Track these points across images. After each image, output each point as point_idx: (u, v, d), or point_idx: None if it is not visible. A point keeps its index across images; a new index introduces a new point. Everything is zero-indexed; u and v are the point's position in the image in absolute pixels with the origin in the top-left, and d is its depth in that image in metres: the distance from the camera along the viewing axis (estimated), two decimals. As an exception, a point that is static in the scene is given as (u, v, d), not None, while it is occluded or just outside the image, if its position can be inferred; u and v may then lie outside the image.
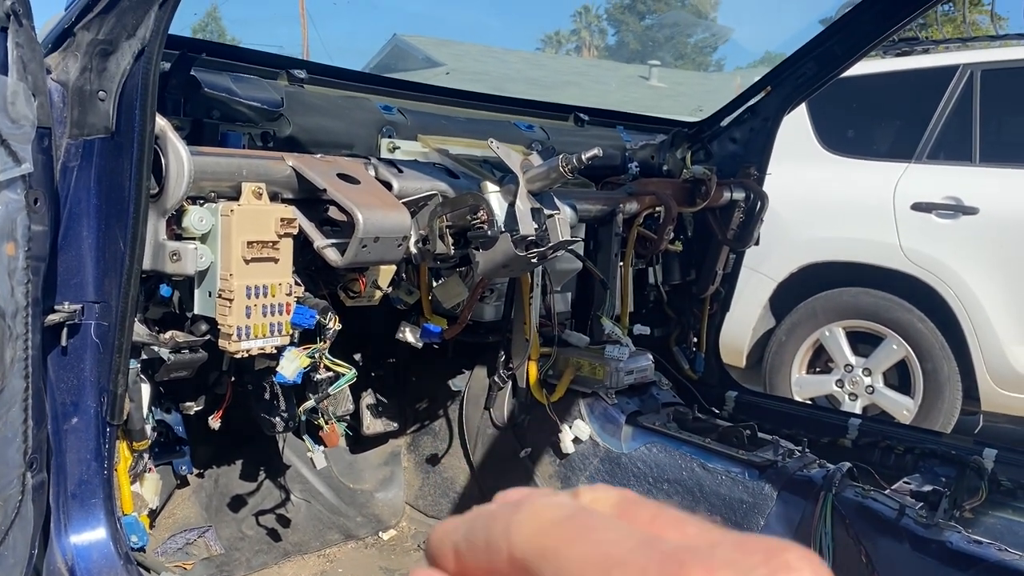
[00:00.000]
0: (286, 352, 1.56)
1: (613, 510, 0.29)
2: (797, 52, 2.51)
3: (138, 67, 1.29)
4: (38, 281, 1.26)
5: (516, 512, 0.29)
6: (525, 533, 0.28)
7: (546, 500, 0.29)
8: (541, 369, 2.22)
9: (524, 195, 1.67)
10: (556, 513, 0.28)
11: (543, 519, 0.28)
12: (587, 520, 0.28)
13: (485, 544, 0.29)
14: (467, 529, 0.31)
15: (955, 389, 3.90)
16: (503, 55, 21.15)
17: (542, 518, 0.28)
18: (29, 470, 1.29)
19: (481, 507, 0.32)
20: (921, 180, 4.01)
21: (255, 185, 1.46)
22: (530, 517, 0.28)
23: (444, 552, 0.31)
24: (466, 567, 0.30)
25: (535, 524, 0.28)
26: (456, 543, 0.31)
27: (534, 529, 0.28)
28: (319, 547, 2.24)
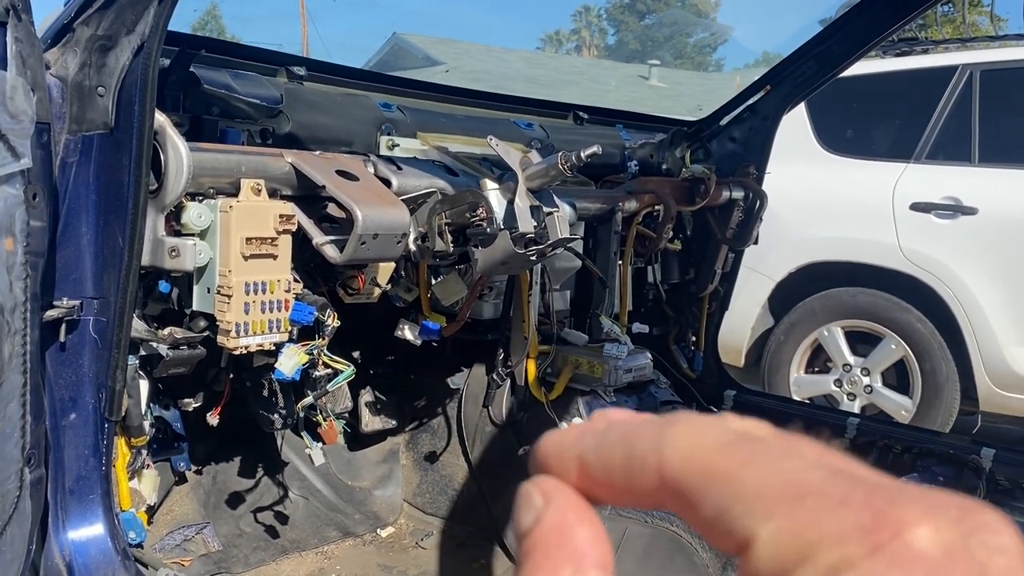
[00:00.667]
0: (284, 349, 1.56)
1: (776, 440, 0.25)
2: (796, 51, 2.51)
3: (137, 63, 1.29)
4: (36, 276, 1.26)
5: (668, 427, 0.25)
6: (684, 451, 0.25)
7: (705, 419, 0.26)
8: (540, 367, 2.22)
9: (523, 193, 1.67)
10: (720, 432, 0.25)
11: (705, 437, 0.25)
12: (760, 444, 0.24)
13: (625, 459, 0.26)
14: (598, 441, 0.27)
15: (953, 389, 3.91)
16: (503, 54, 21.15)
17: (704, 436, 0.25)
18: (27, 466, 1.29)
19: (607, 419, 0.28)
20: (920, 180, 4.02)
21: (254, 181, 1.46)
22: (689, 435, 0.25)
23: (565, 462, 0.28)
24: (594, 482, 0.27)
25: (696, 441, 0.25)
26: (582, 454, 0.27)
27: (696, 446, 0.25)
28: (317, 544, 2.24)
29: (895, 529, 0.21)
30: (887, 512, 0.21)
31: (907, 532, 0.21)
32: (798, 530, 0.22)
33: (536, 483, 0.28)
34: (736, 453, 0.24)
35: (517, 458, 2.27)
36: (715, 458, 0.24)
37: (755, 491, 0.23)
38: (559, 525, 0.27)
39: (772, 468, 0.23)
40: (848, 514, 0.21)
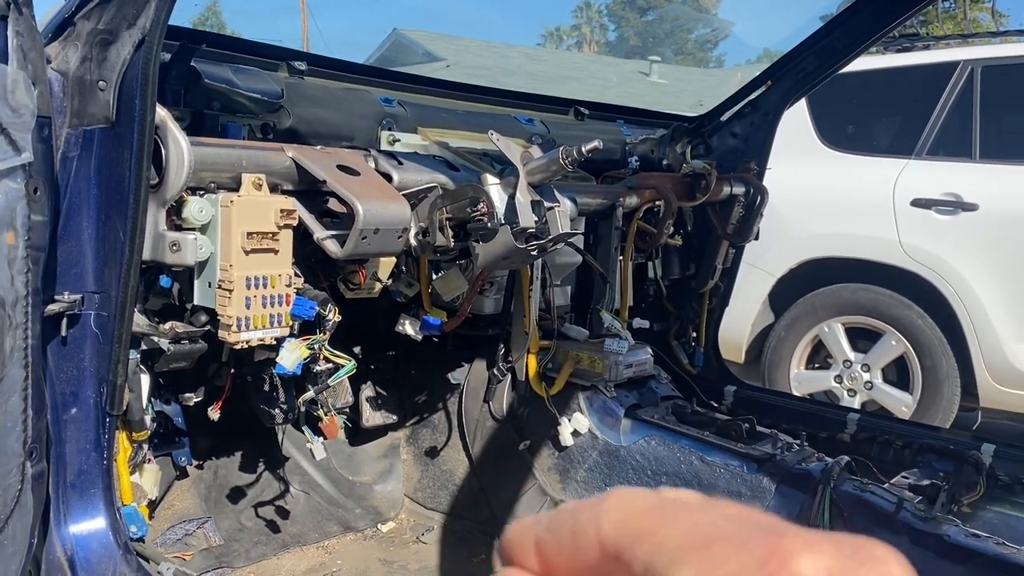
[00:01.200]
0: (285, 343, 1.56)
1: (697, 501, 0.29)
2: (797, 47, 2.51)
3: (138, 57, 1.29)
4: (38, 271, 1.26)
5: (604, 501, 0.29)
6: (616, 518, 0.28)
7: (637, 490, 0.29)
8: (540, 362, 2.22)
9: (524, 187, 1.67)
10: (646, 499, 0.29)
11: (634, 505, 0.28)
12: (679, 504, 0.28)
13: (571, 534, 0.29)
14: (549, 522, 0.30)
15: (953, 385, 3.91)
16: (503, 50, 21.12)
17: (633, 504, 0.28)
18: (29, 459, 1.29)
19: (558, 507, 0.32)
20: (921, 176, 4.01)
21: (255, 176, 1.46)
22: (620, 504, 0.29)
23: (524, 547, 0.31)
24: (550, 561, 0.30)
25: (626, 509, 0.28)
26: (538, 536, 0.30)
27: (626, 513, 0.28)
28: (318, 539, 2.24)
29: (782, 559, 0.25)
30: (777, 547, 0.25)
31: (792, 561, 0.25)
32: (707, 571, 0.25)
33: (501, 574, 0.31)
34: (659, 514, 0.28)
35: (518, 453, 2.27)
36: (641, 521, 0.28)
37: (673, 544, 0.26)
38: None
39: (687, 523, 0.27)
40: (746, 553, 0.25)
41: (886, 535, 1.76)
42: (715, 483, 2.00)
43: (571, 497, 2.18)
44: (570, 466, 2.21)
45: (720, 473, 2.01)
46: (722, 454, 2.03)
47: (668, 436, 2.11)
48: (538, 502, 2.21)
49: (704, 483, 2.01)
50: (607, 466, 2.17)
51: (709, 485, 2.00)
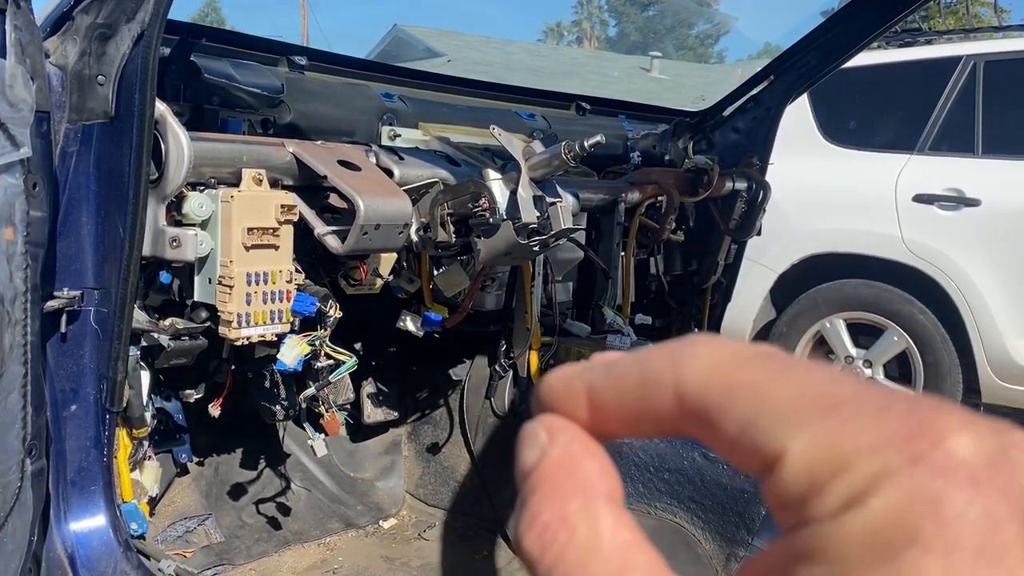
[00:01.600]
0: (286, 339, 1.55)
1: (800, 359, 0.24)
2: (800, 42, 2.50)
3: (137, 51, 1.28)
4: (37, 267, 1.26)
5: (686, 346, 0.24)
6: (704, 367, 0.23)
7: (724, 339, 0.24)
8: (542, 358, 2.21)
9: (526, 183, 1.66)
10: (744, 349, 0.23)
11: (728, 354, 0.23)
12: (787, 360, 0.23)
13: (639, 381, 0.24)
14: (608, 367, 0.26)
15: (956, 381, 3.90)
16: (504, 46, 21.09)
17: (727, 353, 0.23)
18: (28, 456, 1.29)
19: (613, 355, 0.26)
20: (923, 171, 4.00)
21: (255, 171, 1.45)
22: (711, 351, 0.23)
23: (572, 392, 0.26)
24: (605, 412, 0.26)
25: (720, 357, 0.23)
26: (592, 381, 0.26)
27: (718, 362, 0.23)
28: (319, 536, 2.24)
29: (936, 437, 0.20)
30: (927, 421, 0.20)
31: (949, 440, 0.20)
32: (832, 440, 0.20)
33: (540, 420, 0.26)
34: (761, 367, 0.22)
35: (519, 450, 2.26)
36: (738, 372, 0.23)
37: (783, 403, 0.21)
38: (566, 458, 0.25)
39: (801, 380, 0.22)
40: (886, 423, 0.20)
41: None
42: (718, 480, 1.99)
43: (573, 494, 2.17)
44: None
45: (723, 470, 2.00)
46: (725, 450, 2.02)
47: (670, 432, 2.10)
48: (540, 499, 2.20)
49: (707, 480, 2.00)
50: (609, 462, 2.16)
51: (712, 482, 1.99)
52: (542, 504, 0.25)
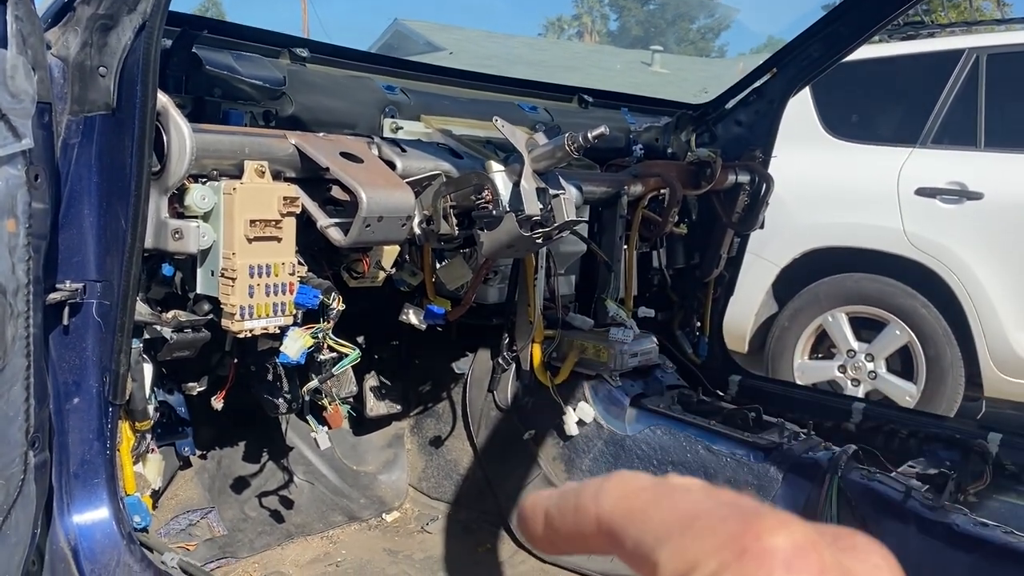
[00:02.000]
0: (289, 332, 1.55)
1: (687, 484, 0.32)
2: (802, 34, 2.49)
3: (139, 42, 1.28)
4: (39, 259, 1.25)
5: (606, 481, 0.33)
6: (614, 498, 0.31)
7: (633, 473, 0.33)
8: (545, 351, 2.21)
9: (529, 175, 1.65)
10: (643, 482, 0.32)
11: (630, 486, 0.32)
12: (671, 487, 0.31)
13: (575, 508, 0.33)
14: (558, 498, 0.34)
15: (958, 375, 3.89)
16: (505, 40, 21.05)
17: (629, 485, 0.32)
18: (31, 449, 1.28)
19: (568, 485, 0.36)
20: (925, 165, 3.99)
21: (257, 163, 1.44)
22: (618, 484, 0.32)
23: (535, 516, 0.35)
24: (555, 530, 0.34)
25: (622, 489, 0.32)
26: (547, 508, 0.34)
27: (621, 493, 0.31)
28: (322, 529, 2.24)
29: (756, 534, 0.27)
30: (753, 524, 0.27)
31: (766, 537, 0.27)
32: (687, 547, 0.28)
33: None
34: (649, 496, 0.31)
35: (522, 443, 2.27)
36: (635, 501, 0.31)
37: (658, 523, 0.29)
38: None
39: (673, 504, 0.30)
40: (723, 529, 0.27)
41: (894, 524, 1.75)
42: (721, 472, 1.99)
43: (576, 487, 2.17)
44: (575, 455, 2.21)
45: (726, 462, 2.00)
46: (728, 443, 2.02)
47: (673, 425, 2.10)
48: (543, 492, 2.20)
49: (710, 472, 2.00)
50: (612, 455, 2.16)
51: (715, 474, 1.99)
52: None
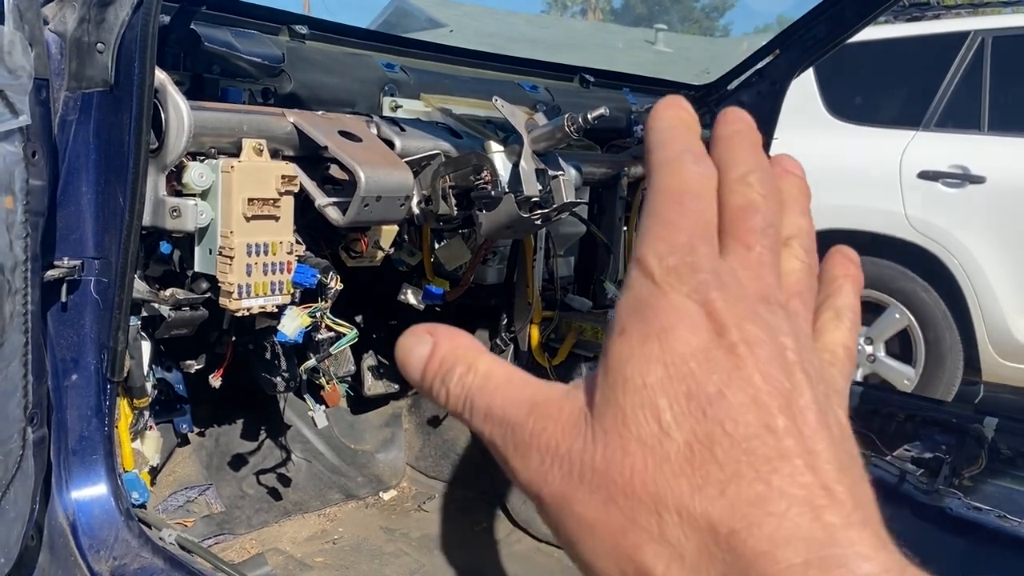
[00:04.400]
0: (287, 311, 1.55)
1: None
2: (806, 15, 2.47)
3: (137, 18, 1.27)
4: (37, 236, 1.25)
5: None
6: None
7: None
8: (543, 333, 2.21)
9: (528, 155, 1.64)
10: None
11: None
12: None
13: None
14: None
15: (956, 359, 3.90)
16: (507, 16, 20.91)
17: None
18: (30, 425, 1.29)
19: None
20: (928, 148, 3.98)
21: (256, 141, 1.44)
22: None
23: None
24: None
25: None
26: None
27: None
28: (319, 506, 2.25)
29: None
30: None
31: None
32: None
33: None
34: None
35: (519, 423, 2.27)
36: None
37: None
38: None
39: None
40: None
41: (888, 507, 1.75)
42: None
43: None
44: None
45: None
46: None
47: (670, 407, 2.11)
48: (539, 472, 2.21)
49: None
50: (609, 436, 2.16)
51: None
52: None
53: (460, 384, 0.35)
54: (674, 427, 0.28)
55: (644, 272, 0.31)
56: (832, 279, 0.39)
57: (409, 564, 2.06)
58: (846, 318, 0.38)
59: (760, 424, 0.28)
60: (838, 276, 0.39)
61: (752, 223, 0.34)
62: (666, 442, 0.28)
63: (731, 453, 0.28)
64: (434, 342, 0.37)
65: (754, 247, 0.33)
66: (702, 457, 0.28)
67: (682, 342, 0.29)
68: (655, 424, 0.28)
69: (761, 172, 0.36)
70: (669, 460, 0.28)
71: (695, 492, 0.27)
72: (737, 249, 0.33)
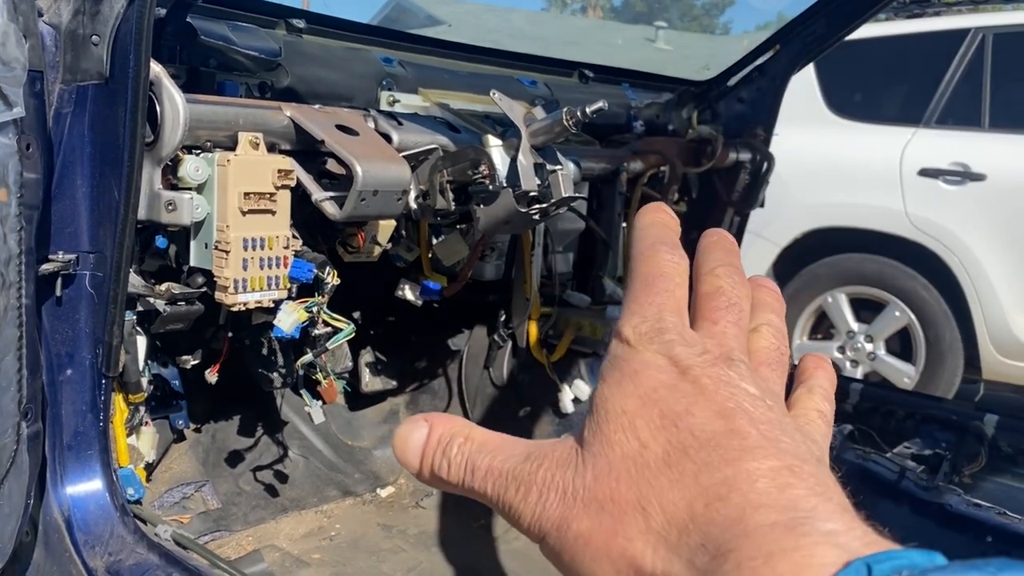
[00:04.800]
0: (283, 306, 1.54)
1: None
2: (806, 11, 2.46)
3: (132, 11, 1.26)
4: (31, 229, 1.24)
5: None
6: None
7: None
8: (541, 329, 2.20)
9: (527, 150, 1.63)
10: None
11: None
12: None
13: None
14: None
15: (957, 357, 3.90)
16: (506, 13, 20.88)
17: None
18: (24, 419, 1.28)
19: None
20: (929, 145, 3.97)
21: (252, 135, 1.43)
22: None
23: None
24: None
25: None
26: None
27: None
28: (317, 503, 2.24)
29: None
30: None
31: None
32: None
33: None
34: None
35: (518, 420, 2.27)
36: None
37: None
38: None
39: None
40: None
41: (888, 504, 1.75)
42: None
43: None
44: (570, 433, 2.20)
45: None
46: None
47: (669, 404, 2.10)
48: (538, 468, 2.20)
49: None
50: (607, 433, 2.16)
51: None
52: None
53: (460, 452, 0.38)
54: (651, 440, 0.33)
55: (620, 340, 0.37)
56: (804, 369, 0.44)
57: (406, 561, 2.05)
58: (818, 392, 0.42)
59: (726, 429, 0.33)
60: (809, 367, 0.44)
61: (717, 302, 0.39)
62: (645, 453, 0.33)
63: (701, 452, 0.32)
64: (430, 424, 0.40)
65: (719, 321, 0.38)
66: (676, 458, 0.32)
67: (651, 378, 0.35)
68: (635, 441, 0.33)
69: (729, 267, 0.41)
70: (649, 466, 0.33)
71: (672, 485, 0.32)
72: (704, 324, 0.38)
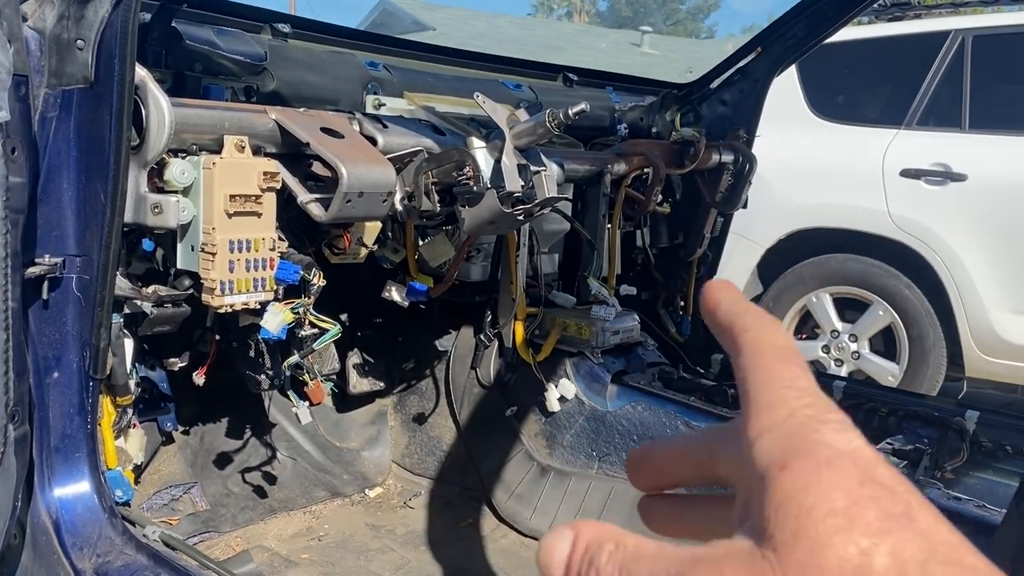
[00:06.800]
0: (270, 307, 1.55)
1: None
2: (787, 13, 2.49)
3: (117, 15, 1.27)
4: (17, 233, 1.25)
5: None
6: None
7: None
8: (527, 329, 2.22)
9: (510, 151, 1.65)
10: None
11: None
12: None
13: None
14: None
15: (940, 355, 3.93)
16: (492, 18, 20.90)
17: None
18: (11, 422, 1.28)
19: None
20: (910, 146, 4.01)
21: (238, 138, 1.44)
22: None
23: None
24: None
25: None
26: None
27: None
28: (305, 504, 2.25)
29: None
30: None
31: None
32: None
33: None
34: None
35: (505, 419, 2.28)
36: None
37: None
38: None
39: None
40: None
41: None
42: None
43: (557, 462, 2.19)
44: (557, 432, 2.22)
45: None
46: (708, 419, 2.04)
47: (654, 401, 2.12)
48: (524, 467, 2.22)
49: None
50: (593, 431, 2.18)
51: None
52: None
53: (611, 562, 0.35)
54: (872, 549, 0.30)
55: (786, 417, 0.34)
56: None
57: (395, 560, 2.06)
58: None
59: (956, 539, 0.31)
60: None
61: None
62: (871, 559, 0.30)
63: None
64: (575, 534, 0.36)
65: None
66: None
67: (847, 471, 0.32)
68: (853, 546, 0.30)
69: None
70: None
71: None
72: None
